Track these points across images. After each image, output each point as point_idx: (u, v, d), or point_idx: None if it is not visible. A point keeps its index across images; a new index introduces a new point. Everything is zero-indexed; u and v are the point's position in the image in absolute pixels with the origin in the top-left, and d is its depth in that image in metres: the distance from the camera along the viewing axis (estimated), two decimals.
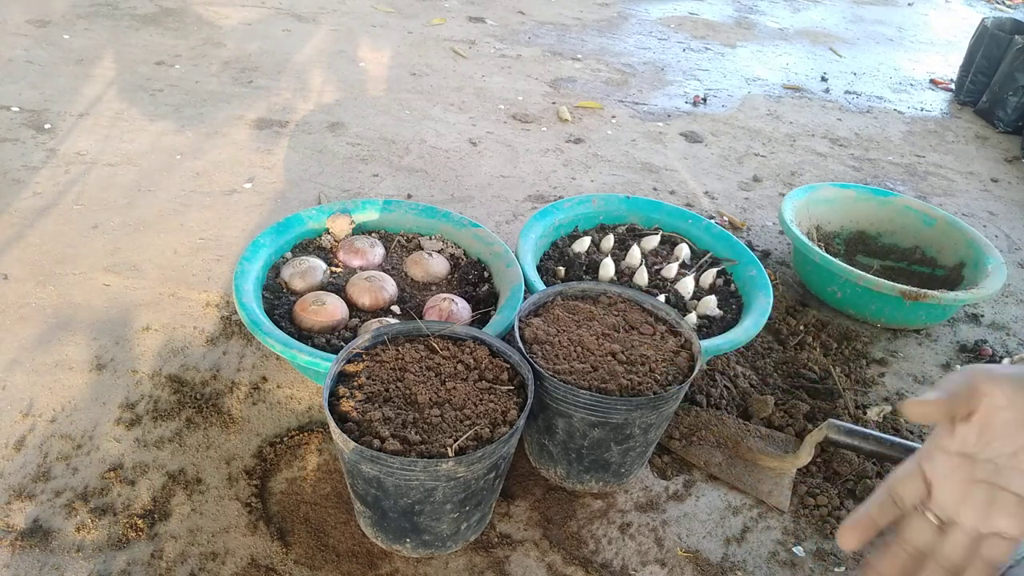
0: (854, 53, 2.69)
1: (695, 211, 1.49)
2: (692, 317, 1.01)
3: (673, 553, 0.82)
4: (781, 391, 1.06)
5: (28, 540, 0.75)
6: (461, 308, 0.94)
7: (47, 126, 1.53)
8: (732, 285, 1.11)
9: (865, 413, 1.03)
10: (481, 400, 0.73)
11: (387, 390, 0.73)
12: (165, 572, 0.74)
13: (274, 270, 1.02)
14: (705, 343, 0.90)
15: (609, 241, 1.15)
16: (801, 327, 1.18)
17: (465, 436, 0.68)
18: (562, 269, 1.08)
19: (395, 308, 0.98)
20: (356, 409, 0.70)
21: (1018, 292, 1.39)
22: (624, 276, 1.09)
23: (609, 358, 0.81)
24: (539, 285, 0.97)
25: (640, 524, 0.85)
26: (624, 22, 2.70)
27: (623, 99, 2.04)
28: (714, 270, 1.10)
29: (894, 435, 0.97)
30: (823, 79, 2.38)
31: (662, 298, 1.02)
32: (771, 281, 1.08)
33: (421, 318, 0.93)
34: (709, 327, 1.01)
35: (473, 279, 1.05)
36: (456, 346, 0.80)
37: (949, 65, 2.65)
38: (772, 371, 1.09)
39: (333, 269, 1.04)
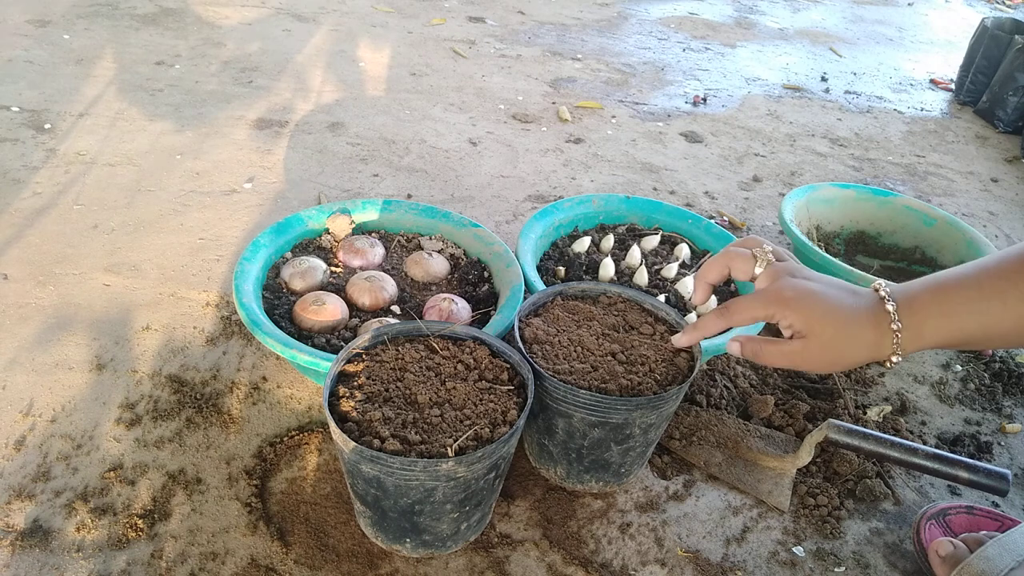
0: (854, 53, 2.69)
1: (695, 211, 1.49)
2: (692, 317, 1.01)
3: (673, 553, 0.82)
4: (781, 391, 1.06)
5: (28, 540, 0.75)
6: (461, 308, 0.94)
7: (47, 126, 1.53)
8: (732, 285, 1.11)
9: (865, 413, 1.03)
10: (481, 400, 0.73)
11: (387, 390, 0.73)
12: (165, 572, 0.74)
13: (274, 270, 1.02)
14: (705, 343, 0.90)
15: (609, 241, 1.15)
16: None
17: (465, 436, 0.68)
18: (562, 269, 1.08)
19: (395, 308, 0.98)
20: (356, 409, 0.70)
21: None
22: (624, 276, 1.09)
23: (609, 358, 0.81)
24: (539, 285, 0.97)
25: (640, 524, 0.85)
26: (624, 22, 2.70)
27: (623, 99, 2.04)
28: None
29: (894, 435, 0.97)
30: (823, 79, 2.38)
31: (662, 298, 1.02)
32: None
33: (421, 318, 0.93)
34: None
35: (473, 279, 1.05)
36: (456, 346, 0.80)
37: (949, 65, 2.65)
38: (772, 371, 1.09)
39: (333, 269, 1.04)
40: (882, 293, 0.64)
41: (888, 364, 0.64)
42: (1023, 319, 0.59)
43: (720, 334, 0.79)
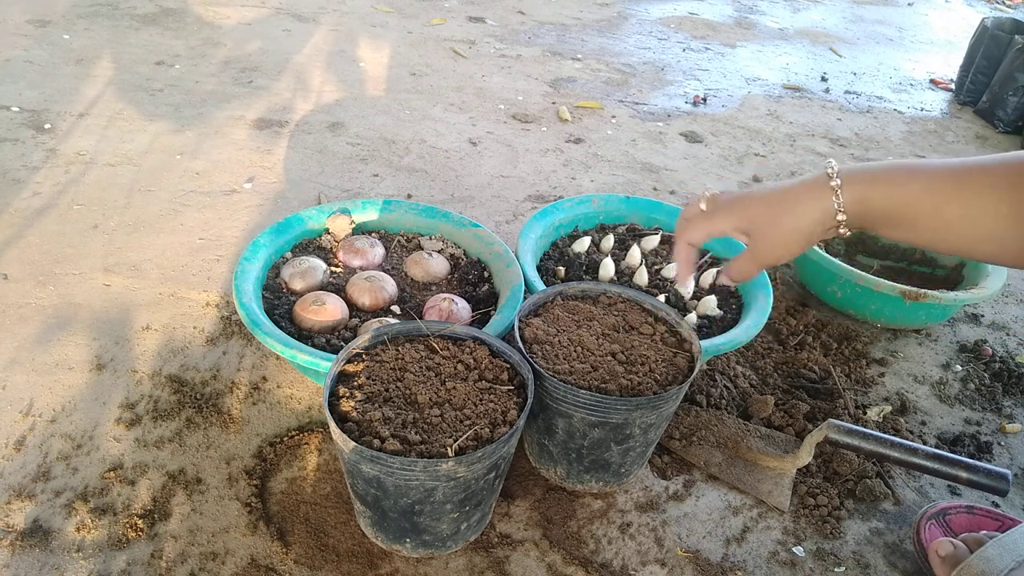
0: (854, 53, 2.69)
1: None
2: (692, 317, 1.01)
3: (673, 553, 0.82)
4: (781, 391, 1.06)
5: (28, 540, 0.75)
6: (461, 308, 0.94)
7: (47, 126, 1.53)
8: (732, 285, 1.11)
9: (865, 413, 1.03)
10: (481, 400, 0.73)
11: (387, 390, 0.73)
12: (165, 572, 0.74)
13: (274, 270, 1.02)
14: (705, 343, 0.90)
15: (609, 241, 1.15)
16: (801, 327, 1.18)
17: (465, 436, 0.68)
18: (562, 269, 1.08)
19: (395, 308, 0.98)
20: (356, 409, 0.70)
21: (1018, 292, 1.39)
22: (624, 276, 1.09)
23: (609, 358, 0.81)
24: (539, 285, 0.97)
25: (640, 524, 0.85)
26: (624, 22, 2.70)
27: (623, 99, 2.04)
28: (714, 270, 1.10)
29: (894, 435, 0.97)
30: (823, 79, 2.38)
31: (662, 298, 1.02)
32: (771, 280, 1.08)
33: (421, 318, 0.93)
34: (709, 327, 1.01)
35: (473, 279, 1.05)
36: (456, 346, 0.80)
37: (949, 65, 2.65)
38: (772, 371, 1.09)
39: (333, 269, 1.04)
40: (824, 164, 0.65)
41: (841, 230, 0.64)
42: (970, 213, 0.58)
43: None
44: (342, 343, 0.89)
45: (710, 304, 1.03)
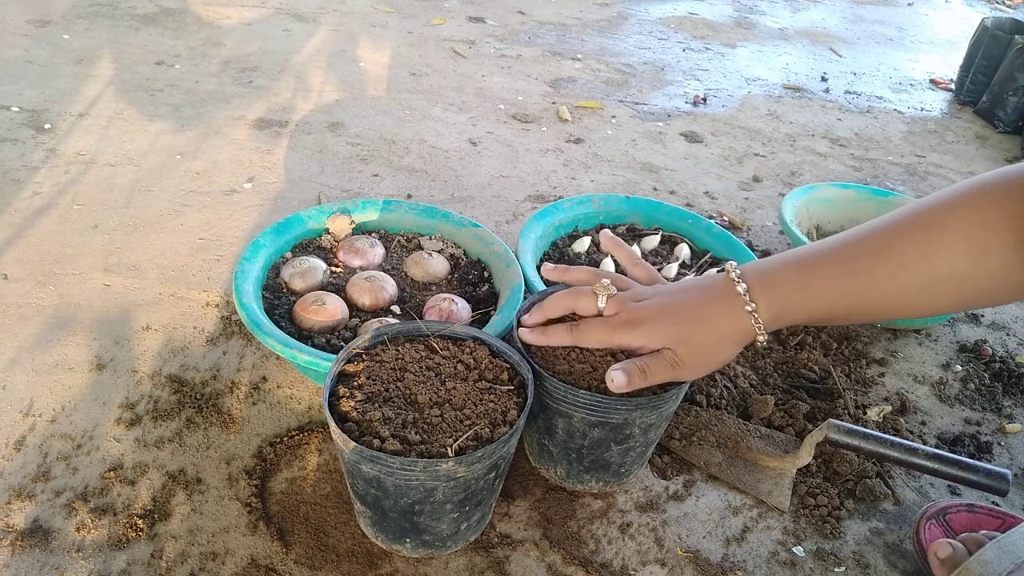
0: (854, 53, 2.69)
1: (695, 211, 1.49)
2: None
3: (673, 553, 0.82)
4: (781, 391, 1.06)
5: (28, 540, 0.75)
6: (461, 308, 0.94)
7: (47, 126, 1.53)
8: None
9: (865, 413, 1.03)
10: (481, 400, 0.73)
11: (387, 390, 0.73)
12: (165, 572, 0.74)
13: (274, 270, 1.02)
14: None
15: None
16: (801, 327, 1.18)
17: (465, 436, 0.68)
18: None
19: (395, 308, 0.98)
20: (356, 409, 0.70)
21: None
22: None
23: (609, 358, 0.81)
24: (539, 285, 0.97)
25: (640, 524, 0.85)
26: (624, 22, 2.70)
27: (623, 99, 2.04)
28: (714, 270, 1.10)
29: (894, 435, 0.97)
30: (823, 79, 2.38)
31: None
32: None
33: (421, 318, 0.93)
34: None
35: (473, 279, 1.05)
36: (456, 346, 0.80)
37: (949, 65, 2.65)
38: (772, 371, 1.09)
39: (333, 269, 1.04)
40: (732, 275, 0.62)
41: (758, 343, 0.62)
42: (890, 295, 0.56)
43: None
44: (342, 343, 0.89)
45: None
